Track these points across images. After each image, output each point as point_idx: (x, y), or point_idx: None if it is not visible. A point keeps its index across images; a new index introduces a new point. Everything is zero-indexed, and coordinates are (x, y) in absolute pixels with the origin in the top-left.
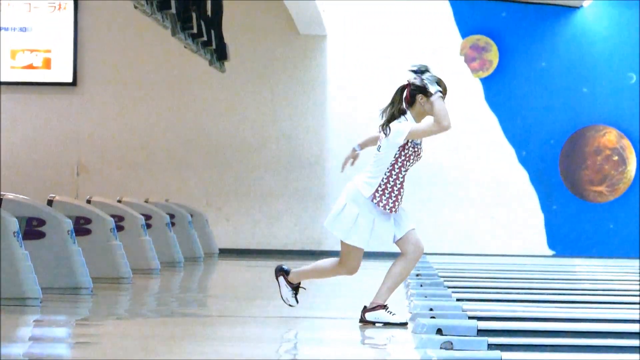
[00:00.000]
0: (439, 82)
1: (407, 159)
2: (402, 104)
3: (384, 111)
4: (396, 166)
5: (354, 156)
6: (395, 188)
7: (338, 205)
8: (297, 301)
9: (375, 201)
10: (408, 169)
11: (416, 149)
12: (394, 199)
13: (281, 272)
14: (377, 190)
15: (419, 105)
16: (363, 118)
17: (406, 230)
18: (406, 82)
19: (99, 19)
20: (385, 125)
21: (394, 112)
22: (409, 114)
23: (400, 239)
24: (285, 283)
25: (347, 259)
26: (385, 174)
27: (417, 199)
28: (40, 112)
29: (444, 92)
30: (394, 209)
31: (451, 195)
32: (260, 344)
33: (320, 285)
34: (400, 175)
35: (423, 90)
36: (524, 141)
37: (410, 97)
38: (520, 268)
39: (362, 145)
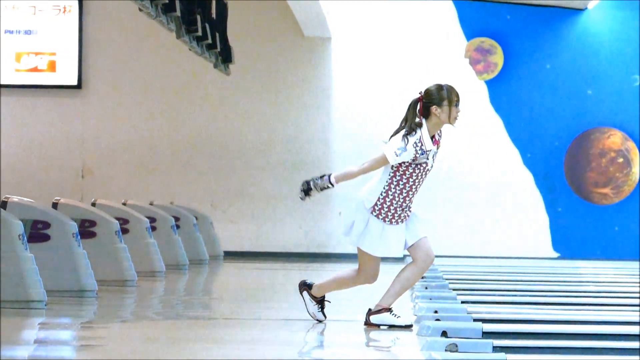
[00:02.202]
0: (452, 91)
1: (408, 175)
2: (416, 118)
3: (400, 124)
4: (394, 179)
5: None
6: (397, 202)
7: (350, 214)
8: (325, 316)
9: (374, 214)
10: (416, 184)
11: (421, 168)
12: (399, 212)
13: (305, 286)
14: (376, 204)
15: (434, 117)
16: (368, 120)
17: (419, 238)
18: (418, 95)
19: (103, 21)
20: (404, 137)
21: (410, 126)
22: (424, 127)
23: (411, 245)
24: (310, 298)
25: (364, 267)
26: (384, 187)
27: (421, 201)
28: (45, 115)
29: (457, 98)
30: (393, 221)
31: (456, 197)
32: (265, 347)
33: None
34: (399, 189)
35: (436, 102)
36: (528, 143)
37: (424, 109)
38: (525, 270)
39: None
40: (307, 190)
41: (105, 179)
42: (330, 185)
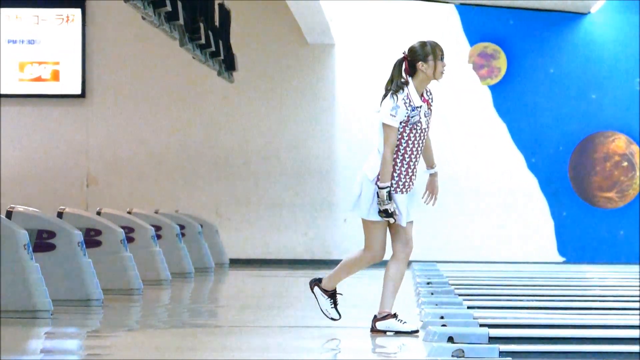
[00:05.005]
0: (436, 46)
1: (406, 137)
2: (402, 77)
3: (385, 88)
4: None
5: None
6: (399, 167)
7: (355, 188)
8: (340, 314)
9: (378, 184)
10: (415, 146)
11: (417, 128)
12: (403, 180)
13: (315, 282)
14: (380, 173)
15: (421, 73)
16: (372, 126)
17: (409, 219)
18: (402, 55)
19: (107, 30)
20: (392, 95)
21: (397, 84)
22: (411, 85)
23: (394, 232)
24: (321, 292)
25: (371, 242)
26: (381, 154)
27: (426, 207)
28: (49, 125)
29: (441, 53)
30: (398, 190)
31: (461, 202)
32: (272, 354)
33: None
34: (401, 154)
35: (422, 58)
36: (533, 148)
37: (410, 67)
38: (531, 275)
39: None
40: (389, 214)
41: (110, 188)
42: (388, 190)
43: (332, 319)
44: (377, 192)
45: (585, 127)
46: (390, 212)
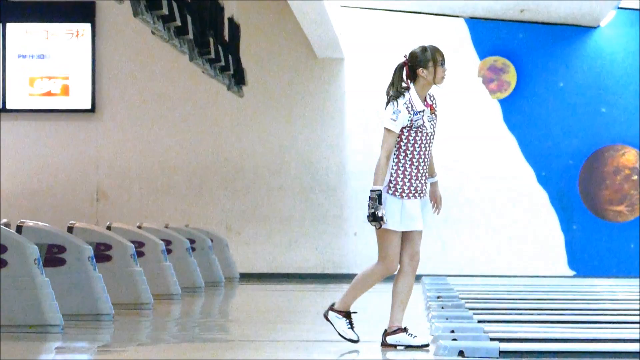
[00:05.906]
0: (436, 51)
1: (412, 141)
2: (402, 82)
3: (387, 93)
4: (400, 150)
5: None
6: (409, 172)
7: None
8: (358, 336)
9: (390, 192)
10: (422, 149)
11: (422, 132)
12: (415, 184)
13: (328, 308)
14: (390, 181)
15: (421, 79)
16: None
17: (419, 229)
18: (403, 60)
19: (116, 45)
20: (393, 101)
21: (397, 90)
22: (412, 90)
23: (403, 243)
24: (336, 315)
25: (385, 253)
26: (393, 162)
27: (436, 220)
28: (59, 139)
29: (442, 58)
30: (410, 195)
31: (470, 216)
32: None
33: None
34: (408, 159)
35: (422, 64)
36: (543, 162)
37: (411, 72)
38: (541, 289)
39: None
40: (377, 219)
41: (120, 202)
42: (378, 193)
43: (350, 340)
44: (369, 196)
45: (595, 140)
46: (378, 216)
